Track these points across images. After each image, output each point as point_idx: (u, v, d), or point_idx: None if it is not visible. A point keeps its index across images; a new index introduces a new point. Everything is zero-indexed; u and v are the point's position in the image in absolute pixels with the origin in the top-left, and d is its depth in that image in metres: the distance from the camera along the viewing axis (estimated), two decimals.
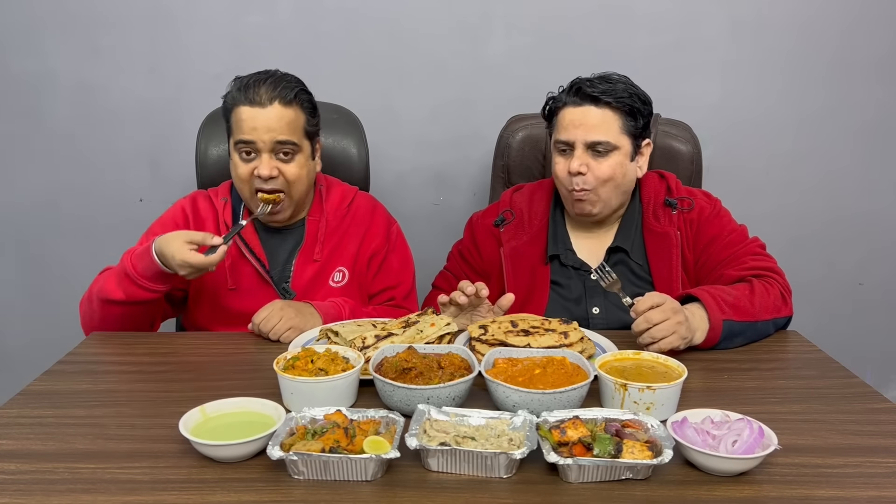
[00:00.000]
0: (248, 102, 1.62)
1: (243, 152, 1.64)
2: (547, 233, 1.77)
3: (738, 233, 1.69)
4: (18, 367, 2.43)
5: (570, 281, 1.73)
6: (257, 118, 1.62)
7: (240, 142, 1.64)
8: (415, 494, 0.98)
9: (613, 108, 1.63)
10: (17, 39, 2.25)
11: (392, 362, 1.24)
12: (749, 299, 1.51)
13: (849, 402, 1.25)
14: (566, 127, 1.65)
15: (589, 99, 1.63)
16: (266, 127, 1.62)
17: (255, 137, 1.62)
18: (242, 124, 1.62)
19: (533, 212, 1.79)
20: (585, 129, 1.63)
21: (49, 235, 2.43)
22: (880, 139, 2.36)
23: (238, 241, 1.73)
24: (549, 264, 1.74)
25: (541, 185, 1.85)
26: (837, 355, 1.46)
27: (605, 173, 1.64)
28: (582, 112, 1.64)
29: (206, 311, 1.73)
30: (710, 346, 1.47)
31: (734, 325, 1.47)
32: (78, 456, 1.08)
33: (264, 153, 1.64)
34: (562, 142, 1.66)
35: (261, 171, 1.63)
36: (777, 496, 0.97)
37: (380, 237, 1.81)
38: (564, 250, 1.74)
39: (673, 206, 1.72)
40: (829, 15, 2.24)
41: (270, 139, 1.63)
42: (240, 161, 1.66)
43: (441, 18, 2.24)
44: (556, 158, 1.69)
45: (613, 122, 1.64)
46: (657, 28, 2.24)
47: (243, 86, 1.64)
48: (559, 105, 1.69)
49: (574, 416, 1.07)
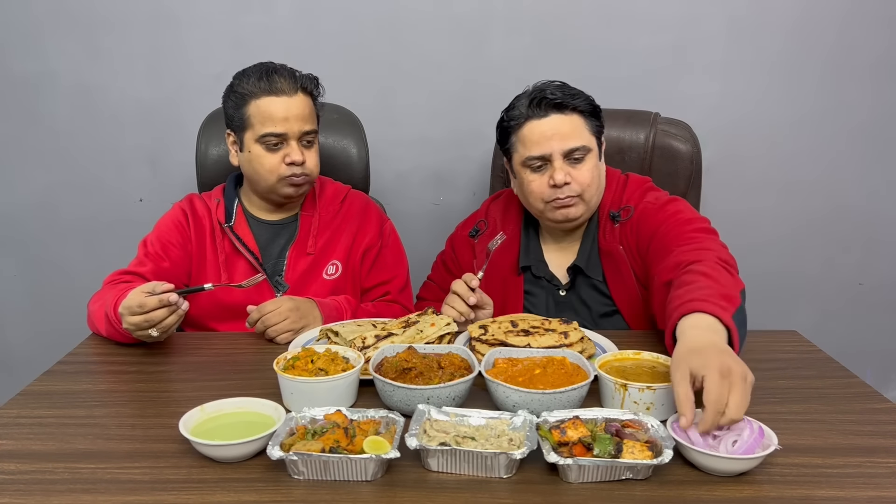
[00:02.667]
0: (273, 93, 1.63)
1: (271, 143, 1.65)
2: (519, 243, 1.75)
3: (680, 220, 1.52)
4: (18, 367, 2.44)
5: (541, 292, 1.72)
6: (289, 108, 1.63)
7: (269, 134, 1.64)
8: (415, 494, 0.98)
9: (579, 112, 1.60)
10: (17, 40, 2.25)
11: (392, 362, 1.24)
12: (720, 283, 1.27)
13: (849, 402, 1.25)
14: (537, 141, 1.59)
15: (553, 107, 1.58)
16: (296, 116, 1.65)
17: (286, 128, 1.64)
18: (272, 116, 1.63)
19: (506, 221, 1.77)
20: (560, 139, 1.57)
21: (49, 235, 2.43)
22: (880, 139, 2.36)
23: (232, 237, 1.74)
24: (522, 275, 1.73)
25: (514, 197, 1.80)
26: (837, 355, 1.46)
27: (586, 178, 1.60)
28: (550, 122, 1.58)
29: (200, 307, 1.74)
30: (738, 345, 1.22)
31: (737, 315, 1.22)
32: (78, 456, 1.08)
33: (293, 141, 1.66)
34: (535, 157, 1.59)
35: (295, 157, 1.65)
36: (777, 496, 0.97)
37: (373, 232, 1.83)
38: (536, 261, 1.73)
39: (615, 219, 1.66)
40: (829, 15, 2.24)
41: (300, 128, 1.66)
42: (266, 152, 1.66)
43: (441, 18, 2.24)
44: (530, 177, 1.62)
45: (581, 124, 1.60)
46: (657, 28, 2.24)
47: (263, 77, 1.64)
48: (520, 121, 1.61)
49: (574, 416, 1.07)
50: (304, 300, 1.63)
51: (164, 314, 1.36)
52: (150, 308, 1.35)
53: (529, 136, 1.60)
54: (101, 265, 1.72)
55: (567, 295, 1.70)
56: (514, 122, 1.63)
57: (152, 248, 1.71)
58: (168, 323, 1.38)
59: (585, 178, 1.60)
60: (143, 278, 1.63)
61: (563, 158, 1.59)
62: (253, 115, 1.65)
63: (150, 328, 1.37)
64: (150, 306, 1.35)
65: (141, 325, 1.36)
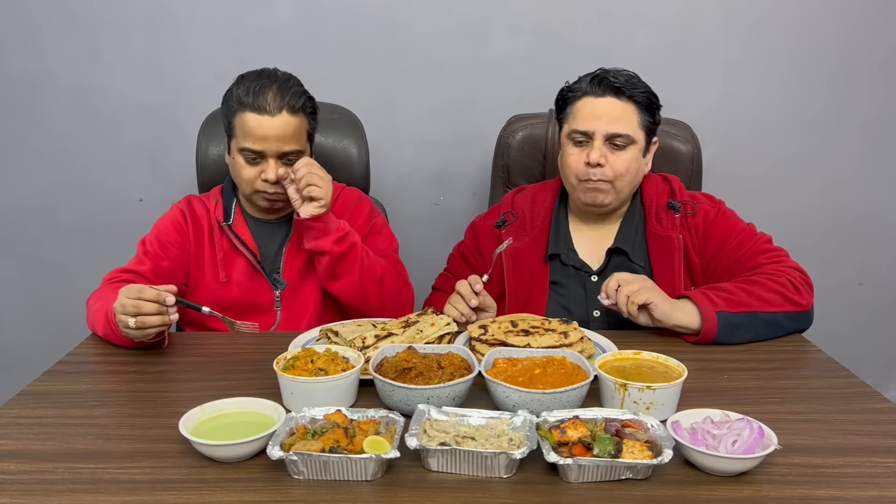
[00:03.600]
0: (255, 110, 1.61)
1: (249, 157, 1.65)
2: (549, 233, 1.76)
3: (745, 233, 1.67)
4: (18, 367, 2.44)
5: (570, 281, 1.72)
6: (266, 127, 1.61)
7: (246, 149, 1.64)
8: (415, 494, 0.98)
9: (634, 102, 1.63)
10: (16, 40, 2.25)
11: (392, 362, 1.24)
12: (746, 291, 1.51)
13: (849, 402, 1.25)
14: (586, 117, 1.63)
15: (611, 90, 1.62)
16: (275, 136, 1.62)
17: (263, 147, 1.63)
18: (251, 132, 1.62)
19: (535, 213, 1.78)
20: (607, 121, 1.61)
21: (49, 235, 2.43)
22: (880, 139, 2.36)
23: (230, 236, 1.75)
24: (549, 263, 1.74)
25: (544, 187, 1.84)
26: (837, 355, 1.46)
27: (621, 167, 1.63)
28: (604, 103, 1.63)
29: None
30: (713, 341, 1.47)
31: (730, 317, 1.47)
32: (78, 456, 1.08)
33: (271, 159, 1.65)
34: (580, 132, 1.64)
35: (268, 175, 1.64)
36: (777, 496, 0.97)
37: (361, 220, 1.82)
38: (566, 250, 1.74)
39: (676, 209, 1.70)
40: (829, 15, 2.24)
41: (278, 149, 1.63)
42: (245, 164, 1.67)
43: (441, 18, 2.24)
44: (570, 149, 1.66)
45: (633, 115, 1.64)
46: (657, 28, 2.24)
47: (250, 91, 1.62)
48: (577, 94, 1.66)
49: (574, 416, 1.07)
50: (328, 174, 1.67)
51: (153, 309, 1.36)
52: (147, 297, 1.36)
53: (581, 111, 1.65)
54: (100, 265, 1.71)
55: (599, 281, 1.70)
56: (573, 95, 1.67)
57: (151, 248, 1.71)
58: (150, 321, 1.36)
59: (621, 166, 1.63)
60: (142, 277, 1.63)
61: (605, 140, 1.62)
62: (237, 126, 1.65)
63: (134, 315, 1.36)
64: (147, 295, 1.36)
65: (127, 308, 1.36)
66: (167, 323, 1.39)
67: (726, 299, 1.49)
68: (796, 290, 1.53)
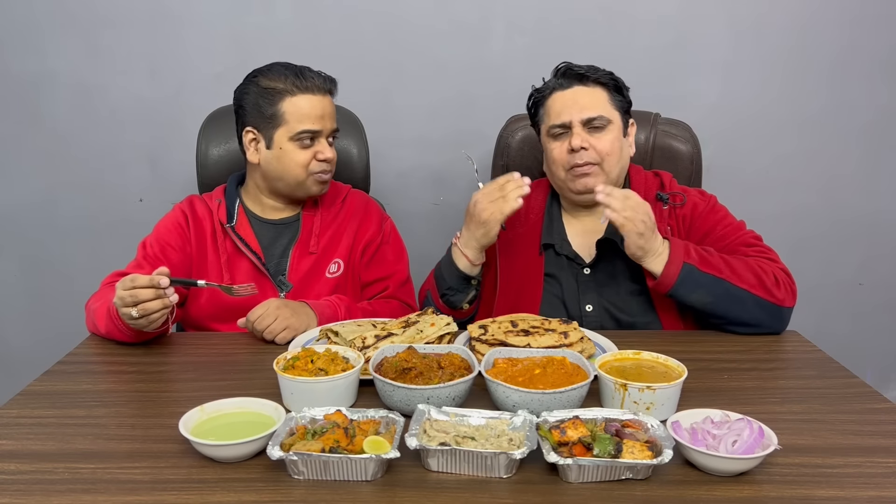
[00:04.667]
0: (308, 91, 1.67)
1: (305, 140, 1.68)
2: (542, 225, 1.77)
3: (732, 226, 1.68)
4: (18, 367, 2.44)
5: (563, 273, 1.73)
6: (321, 106, 1.69)
7: (305, 131, 1.67)
8: (415, 494, 0.98)
9: (601, 85, 1.67)
10: (17, 39, 2.25)
11: (392, 362, 1.24)
12: (725, 261, 1.53)
13: (849, 402, 1.25)
14: (559, 110, 1.67)
15: (576, 78, 1.67)
16: (330, 114, 1.71)
17: (322, 126, 1.69)
18: (308, 114, 1.67)
19: (529, 206, 1.79)
20: (580, 108, 1.65)
21: (49, 235, 2.43)
22: (880, 139, 2.36)
23: (234, 237, 1.74)
24: (544, 255, 1.74)
25: (539, 184, 1.85)
26: (837, 355, 1.46)
27: (605, 147, 1.65)
28: (572, 92, 1.67)
29: (203, 308, 1.74)
30: (669, 290, 1.51)
31: (696, 273, 1.50)
32: (78, 456, 1.08)
33: (324, 138, 1.71)
34: (557, 126, 1.67)
35: (327, 154, 1.71)
36: (777, 496, 0.97)
37: (373, 229, 1.84)
38: (560, 240, 1.75)
39: (664, 201, 1.71)
40: (829, 15, 2.24)
41: (332, 125, 1.72)
42: (300, 149, 1.69)
43: (441, 18, 2.24)
44: (552, 145, 1.70)
45: (603, 97, 1.67)
46: (657, 28, 2.24)
47: (298, 74, 1.67)
48: (546, 93, 1.70)
49: (574, 416, 1.07)
50: (292, 301, 1.63)
51: (151, 295, 1.38)
52: (141, 284, 1.37)
53: (553, 106, 1.69)
54: (101, 265, 1.72)
55: (591, 273, 1.71)
56: (541, 95, 1.72)
57: (151, 251, 1.71)
58: (151, 307, 1.38)
59: (605, 146, 1.65)
60: None
61: (583, 126, 1.65)
62: (288, 112, 1.67)
63: (134, 305, 1.38)
64: (140, 283, 1.38)
65: (126, 300, 1.38)
66: (168, 305, 1.41)
67: (702, 257, 1.51)
68: (776, 283, 1.53)
